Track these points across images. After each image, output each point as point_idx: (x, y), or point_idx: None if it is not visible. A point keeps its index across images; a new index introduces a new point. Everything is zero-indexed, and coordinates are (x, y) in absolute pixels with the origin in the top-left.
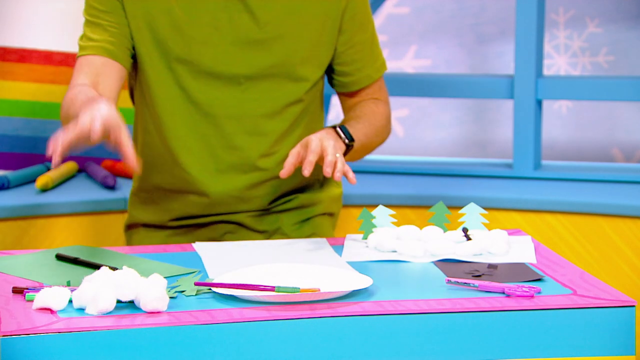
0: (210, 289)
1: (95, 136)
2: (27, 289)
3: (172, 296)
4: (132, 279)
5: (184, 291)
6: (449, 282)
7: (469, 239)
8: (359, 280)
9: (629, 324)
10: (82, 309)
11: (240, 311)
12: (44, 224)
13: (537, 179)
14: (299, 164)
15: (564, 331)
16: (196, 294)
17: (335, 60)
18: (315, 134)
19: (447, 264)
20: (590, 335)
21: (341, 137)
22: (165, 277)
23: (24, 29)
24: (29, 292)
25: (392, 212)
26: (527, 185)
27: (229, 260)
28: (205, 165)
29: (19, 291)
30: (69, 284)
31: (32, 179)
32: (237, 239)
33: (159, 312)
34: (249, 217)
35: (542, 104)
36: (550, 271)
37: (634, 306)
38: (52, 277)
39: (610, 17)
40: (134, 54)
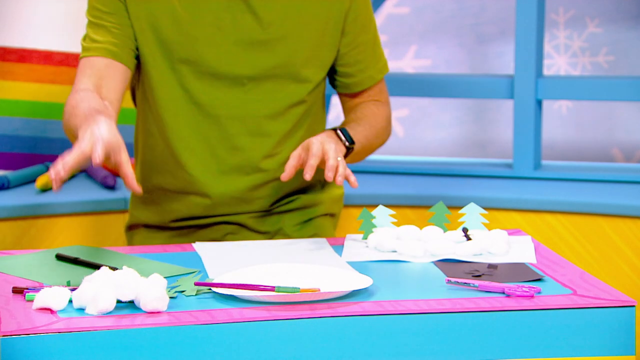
0: (210, 289)
1: (96, 161)
2: (27, 289)
3: (172, 296)
4: (132, 279)
5: (184, 291)
6: (449, 282)
7: (469, 239)
8: (359, 280)
9: (629, 324)
10: (82, 309)
11: (240, 311)
12: (44, 224)
13: (537, 179)
14: (300, 166)
15: (564, 331)
16: (196, 294)
17: (337, 61)
18: (316, 137)
19: (447, 264)
20: (590, 335)
21: (342, 139)
22: (165, 277)
23: (24, 29)
24: (29, 292)
25: (392, 212)
26: (527, 185)
27: (229, 260)
28: (207, 166)
29: (19, 291)
30: (69, 284)
31: (32, 179)
32: (239, 240)
33: (159, 312)
34: (251, 218)
35: (542, 104)
36: (550, 271)
37: (634, 306)
38: (52, 277)
39: (610, 17)
40: (138, 55)
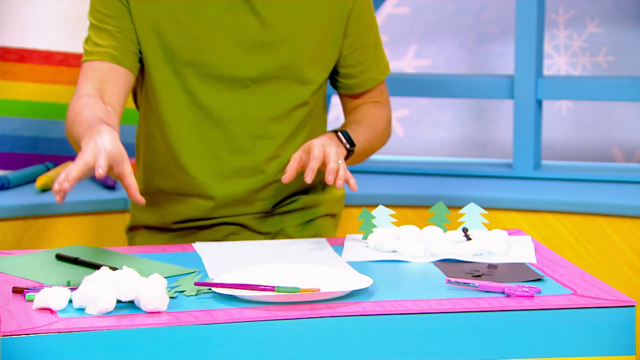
0: (210, 289)
1: (99, 173)
2: (27, 289)
3: (172, 296)
4: (132, 279)
5: (184, 291)
6: (449, 282)
7: (469, 239)
8: (359, 280)
9: (629, 324)
10: (82, 309)
11: (240, 311)
12: (44, 224)
13: (537, 179)
14: (300, 169)
15: (564, 331)
16: (196, 294)
17: (340, 62)
18: (317, 139)
19: (447, 264)
20: (590, 335)
21: (342, 142)
22: (165, 277)
23: (24, 29)
24: (29, 292)
25: (392, 212)
26: (527, 185)
27: (229, 260)
28: (210, 169)
29: (19, 291)
30: (69, 284)
31: (32, 179)
32: (240, 240)
33: (159, 312)
34: (253, 219)
35: (542, 104)
36: (550, 271)
37: (634, 306)
38: (52, 277)
39: (610, 17)
40: (140, 58)
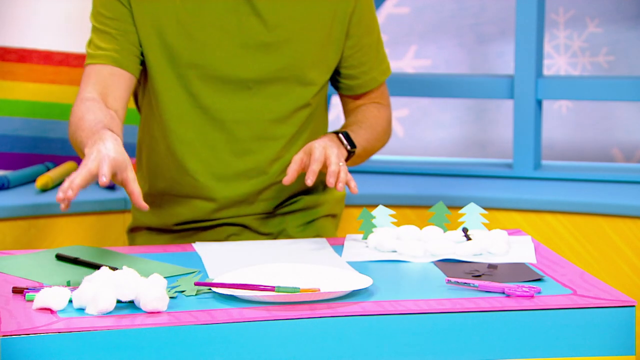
0: (210, 289)
1: (103, 180)
2: (27, 289)
3: (172, 296)
4: (132, 279)
5: (184, 291)
6: (449, 282)
7: (469, 239)
8: (359, 280)
9: (629, 324)
10: (82, 309)
11: (240, 311)
12: (44, 224)
13: (537, 179)
14: (301, 170)
15: (564, 331)
16: (196, 294)
17: (342, 63)
18: (318, 141)
19: (447, 264)
20: (590, 335)
21: (343, 143)
22: (165, 277)
23: (24, 29)
24: (29, 292)
25: (392, 212)
26: (527, 185)
27: (229, 260)
28: (212, 171)
29: (19, 291)
30: (69, 284)
31: (32, 179)
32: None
33: (159, 312)
34: (254, 220)
35: (542, 104)
36: (550, 271)
37: (634, 306)
38: (52, 277)
39: (610, 17)
40: (142, 60)
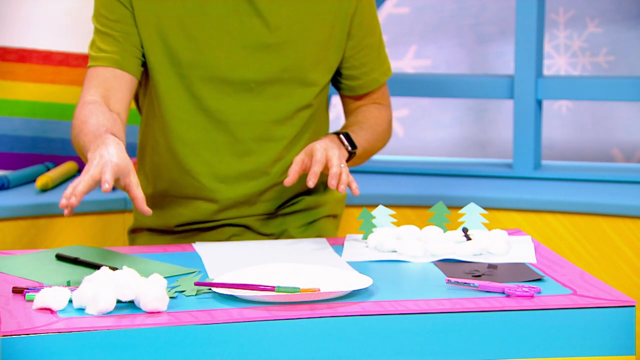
0: (210, 289)
1: (105, 187)
2: (27, 289)
3: (172, 296)
4: (132, 279)
5: (184, 291)
6: (449, 282)
7: (469, 239)
8: (359, 280)
9: (629, 324)
10: (82, 309)
11: (240, 311)
12: (44, 224)
13: (537, 179)
14: (303, 171)
15: (564, 331)
16: (196, 294)
17: (343, 64)
18: (319, 142)
19: (447, 264)
20: (590, 335)
21: (344, 144)
22: (165, 277)
23: (24, 29)
24: (29, 292)
25: (392, 212)
26: (527, 185)
27: (229, 260)
28: (214, 172)
29: (19, 291)
30: (69, 284)
31: (32, 179)
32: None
33: (159, 312)
34: (256, 220)
35: (542, 104)
36: (550, 271)
37: (634, 306)
38: (52, 277)
39: (610, 17)
40: (144, 62)
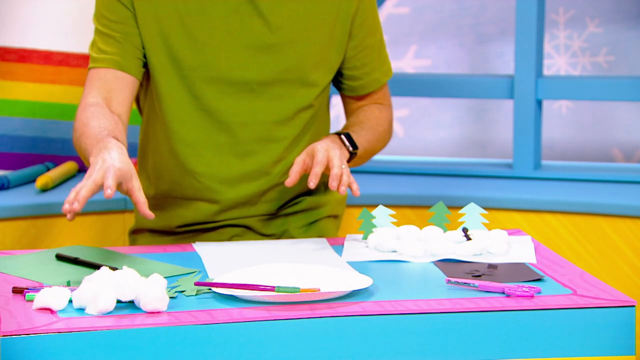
0: (210, 289)
1: (107, 193)
2: (27, 289)
3: (172, 296)
4: (132, 279)
5: (184, 291)
6: (449, 282)
7: (469, 239)
8: (359, 280)
9: (629, 324)
10: (82, 309)
11: (240, 311)
12: (44, 224)
13: (537, 179)
14: (304, 172)
15: (564, 331)
16: (196, 294)
17: (344, 64)
18: (320, 143)
19: (447, 264)
20: (590, 335)
21: (345, 144)
22: (165, 277)
23: (24, 29)
24: (29, 292)
25: (392, 212)
26: (527, 185)
27: (229, 260)
28: (216, 173)
29: (19, 291)
30: (69, 284)
31: (32, 179)
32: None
33: (159, 312)
34: (257, 221)
35: (542, 104)
36: (550, 271)
37: (634, 306)
38: (52, 277)
39: (610, 17)
40: (145, 62)
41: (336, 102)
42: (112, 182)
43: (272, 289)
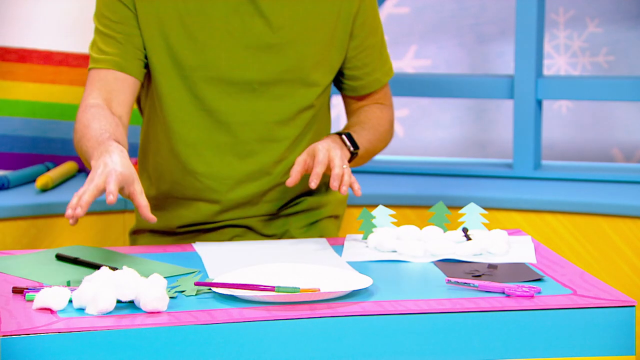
0: (210, 289)
1: (110, 199)
2: (27, 289)
3: (172, 296)
4: (132, 279)
5: (184, 291)
6: (449, 282)
7: (469, 239)
8: (359, 280)
9: (629, 324)
10: (82, 309)
11: (240, 311)
12: (44, 224)
13: (537, 179)
14: (305, 172)
15: (564, 331)
16: (196, 294)
17: (345, 64)
18: (321, 142)
19: (447, 264)
20: (590, 335)
21: (346, 144)
22: (165, 277)
23: (24, 29)
24: (29, 292)
25: (392, 212)
26: (527, 185)
27: (229, 260)
28: (217, 173)
29: (19, 291)
30: (69, 284)
31: (32, 179)
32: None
33: (159, 312)
34: (258, 221)
35: (542, 104)
36: (550, 271)
37: (634, 306)
38: (52, 277)
39: (610, 17)
40: (146, 63)
41: (336, 102)
42: (114, 188)
43: (272, 289)
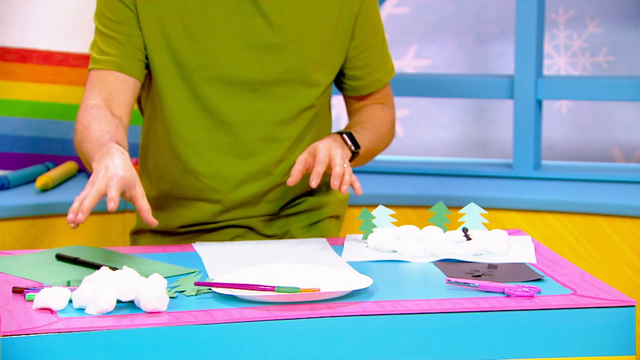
0: (210, 289)
1: (111, 205)
2: (27, 289)
3: (172, 296)
4: (132, 279)
5: (184, 291)
6: (449, 282)
7: (469, 239)
8: (359, 280)
9: (629, 324)
10: (82, 309)
11: (240, 311)
12: (44, 224)
13: (537, 179)
14: (306, 171)
15: (564, 331)
16: (196, 294)
17: (346, 64)
18: (322, 142)
19: (447, 264)
20: (590, 335)
21: (347, 144)
22: (165, 277)
23: (24, 29)
24: (29, 292)
25: (392, 212)
26: (527, 185)
27: (229, 260)
28: (218, 173)
29: (19, 291)
30: (69, 284)
31: (32, 179)
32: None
33: (159, 312)
34: (259, 221)
35: (542, 104)
36: (550, 271)
37: (634, 306)
38: (52, 277)
39: (610, 17)
40: (147, 63)
41: (337, 101)
42: (116, 194)
43: (272, 289)
